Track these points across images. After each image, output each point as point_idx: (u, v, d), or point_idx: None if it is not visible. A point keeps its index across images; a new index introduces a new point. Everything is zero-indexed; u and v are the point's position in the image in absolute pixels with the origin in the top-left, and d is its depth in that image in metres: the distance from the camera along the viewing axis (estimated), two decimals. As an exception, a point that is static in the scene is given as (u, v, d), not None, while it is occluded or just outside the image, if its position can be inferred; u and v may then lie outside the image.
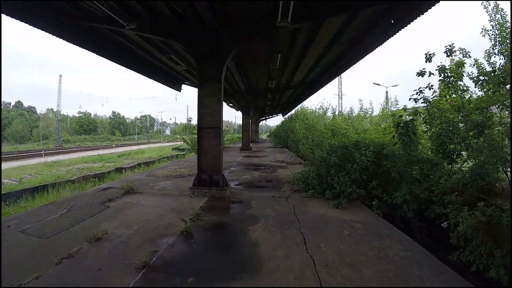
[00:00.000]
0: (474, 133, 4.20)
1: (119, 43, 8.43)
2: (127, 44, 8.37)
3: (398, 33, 7.16)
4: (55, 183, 11.02)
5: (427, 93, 4.80)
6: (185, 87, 14.86)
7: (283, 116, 38.34)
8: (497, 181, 4.02)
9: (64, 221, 4.35)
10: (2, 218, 4.42)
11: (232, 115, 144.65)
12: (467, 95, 4.83)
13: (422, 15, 6.26)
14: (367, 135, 6.26)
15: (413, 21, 6.55)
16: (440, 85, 5.05)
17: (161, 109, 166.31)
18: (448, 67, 4.68)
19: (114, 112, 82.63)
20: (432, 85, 4.94)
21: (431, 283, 2.60)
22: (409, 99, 4.56)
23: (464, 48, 4.85)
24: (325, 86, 16.17)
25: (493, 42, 5.75)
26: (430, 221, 4.39)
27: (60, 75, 46.67)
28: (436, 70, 4.73)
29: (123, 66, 9.36)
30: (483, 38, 5.00)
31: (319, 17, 5.84)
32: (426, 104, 4.92)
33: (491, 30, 5.98)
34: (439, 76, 4.74)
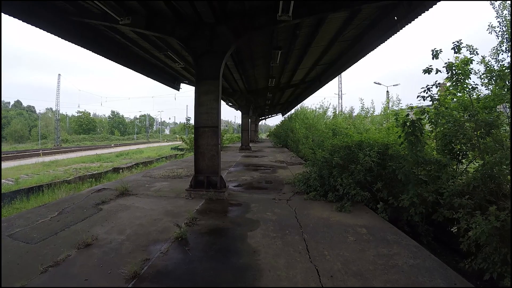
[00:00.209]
0: (480, 132, 4.04)
1: (115, 41, 8.26)
2: (123, 41, 8.21)
3: (400, 30, 7.04)
4: (51, 183, 10.81)
5: (432, 91, 4.64)
6: (185, 86, 14.71)
7: (282, 115, 38.20)
8: (509, 182, 3.83)
9: (54, 224, 4.21)
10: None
11: (231, 115, 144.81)
12: (475, 93, 4.66)
13: (425, 12, 6.17)
14: (370, 134, 6.04)
15: (417, 18, 6.44)
16: (443, 83, 4.87)
17: (160, 108, 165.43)
18: (455, 65, 4.51)
19: (113, 112, 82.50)
20: (440, 83, 4.77)
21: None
22: (417, 96, 4.37)
23: (471, 45, 4.68)
24: (325, 85, 16.05)
25: (500, 39, 5.58)
26: (435, 224, 4.22)
27: (59, 74, 46.06)
28: (444, 67, 4.56)
29: (120, 64, 9.22)
30: (486, 36, 4.80)
31: (321, 13, 5.65)
32: (433, 102, 4.74)
33: (498, 27, 5.80)
34: (446, 73, 4.57)
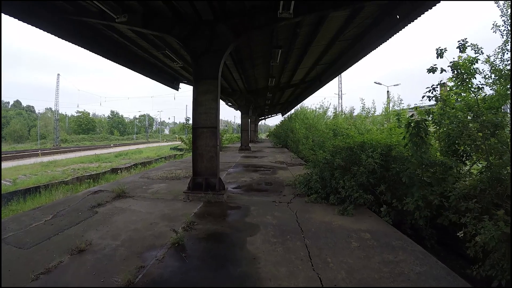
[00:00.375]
0: (484, 133, 3.92)
1: (113, 40, 8.15)
2: (121, 40, 8.08)
3: (402, 29, 6.93)
4: (48, 184, 10.67)
5: (437, 91, 4.52)
6: (184, 86, 14.58)
7: (282, 115, 38.04)
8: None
9: (47, 228, 4.08)
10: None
11: (231, 115, 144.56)
12: (478, 93, 4.54)
13: (428, 10, 6.06)
14: (373, 135, 5.90)
15: (419, 16, 6.35)
16: (443, 82, 4.74)
17: (160, 108, 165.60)
18: (460, 64, 4.39)
19: (112, 112, 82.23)
20: (444, 82, 4.64)
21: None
22: (422, 96, 4.23)
23: (476, 44, 4.56)
24: (326, 85, 15.91)
25: (505, 38, 5.46)
26: (438, 227, 4.10)
27: (58, 74, 45.86)
28: (449, 66, 4.44)
29: (119, 64, 9.12)
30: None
31: (322, 10, 5.51)
32: (438, 102, 4.62)
33: (502, 26, 5.67)
34: (452, 72, 4.45)
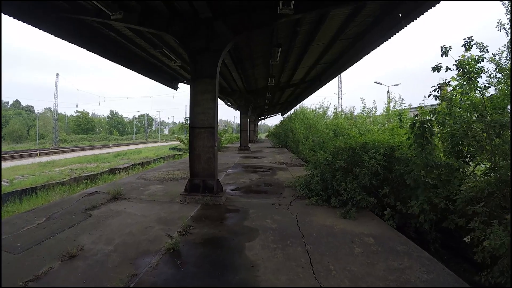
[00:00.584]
0: (490, 134, 3.80)
1: (112, 39, 8.02)
2: (119, 39, 7.95)
3: (404, 28, 6.82)
4: (44, 185, 10.51)
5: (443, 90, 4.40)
6: (183, 86, 14.43)
7: (282, 115, 37.90)
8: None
9: (40, 232, 3.96)
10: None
11: (230, 114, 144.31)
12: (485, 92, 4.42)
13: (431, 8, 5.91)
14: (375, 136, 5.75)
15: (422, 14, 6.25)
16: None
17: (159, 108, 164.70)
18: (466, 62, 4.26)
19: (112, 111, 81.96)
20: (449, 81, 4.52)
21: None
22: (428, 95, 4.09)
23: (481, 42, 4.45)
24: (325, 85, 15.82)
25: (510, 37, 5.33)
26: (443, 230, 3.96)
27: (57, 73, 45.65)
28: (454, 64, 4.32)
29: (118, 63, 9.00)
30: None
31: (323, 7, 5.37)
32: (442, 102, 4.49)
33: (507, 24, 5.54)
34: (457, 71, 4.32)
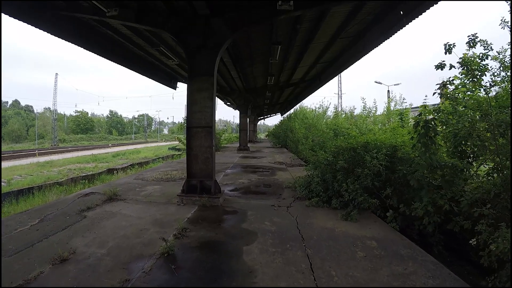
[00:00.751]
0: (494, 133, 3.70)
1: (109, 38, 7.90)
2: (116, 37, 7.84)
3: (406, 26, 6.70)
4: (41, 186, 10.38)
5: (449, 88, 4.28)
6: (182, 85, 14.28)
7: (281, 115, 37.80)
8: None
9: (32, 234, 3.85)
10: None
11: (230, 114, 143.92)
12: (491, 90, 4.30)
13: (434, 5, 5.79)
14: (377, 135, 5.62)
15: (424, 12, 6.13)
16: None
17: (159, 108, 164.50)
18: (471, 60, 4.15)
19: (111, 111, 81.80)
20: (453, 79, 4.40)
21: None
22: (433, 93, 3.96)
23: (485, 40, 4.33)
24: (325, 85, 15.70)
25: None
26: (446, 232, 3.84)
27: (56, 73, 45.78)
28: (458, 62, 4.20)
29: (117, 63, 8.89)
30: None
31: (324, 4, 5.24)
32: (445, 101, 4.37)
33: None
34: (462, 69, 4.20)
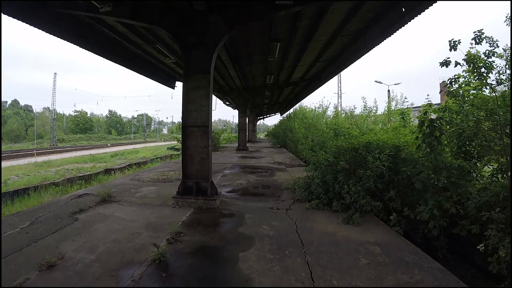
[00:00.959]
0: (501, 132, 3.61)
1: (106, 37, 7.75)
2: (112, 35, 7.67)
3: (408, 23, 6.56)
4: (37, 186, 10.21)
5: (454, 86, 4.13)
6: (181, 85, 14.12)
7: (281, 115, 37.69)
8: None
9: (22, 238, 3.71)
10: None
11: (229, 114, 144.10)
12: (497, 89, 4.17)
13: (436, 2, 5.65)
14: (379, 135, 5.46)
15: (427, 9, 6.00)
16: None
17: (158, 107, 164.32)
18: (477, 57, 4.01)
19: (110, 111, 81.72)
20: (458, 77, 4.25)
21: None
22: (440, 91, 3.83)
23: (491, 36, 4.19)
24: (325, 84, 15.60)
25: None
26: (450, 234, 3.69)
27: (55, 73, 45.58)
28: (463, 59, 4.06)
29: (114, 62, 8.74)
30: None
31: (324, -1, 5.09)
32: (451, 98, 4.22)
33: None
34: (468, 66, 4.06)
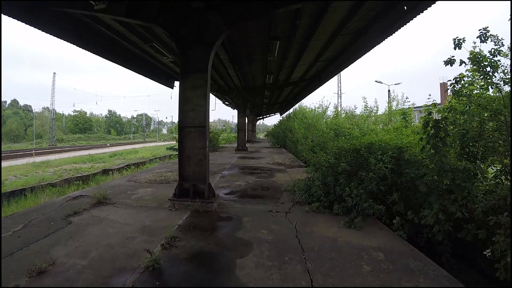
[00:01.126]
0: (507, 133, 3.56)
1: (107, 37, 7.65)
2: (110, 34, 7.55)
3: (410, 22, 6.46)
4: (34, 187, 10.10)
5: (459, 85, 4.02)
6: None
7: (281, 115, 37.59)
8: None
9: (13, 242, 3.62)
10: None
11: (229, 114, 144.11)
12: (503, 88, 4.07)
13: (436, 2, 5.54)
14: (380, 136, 5.34)
15: (430, 6, 5.91)
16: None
17: (158, 107, 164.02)
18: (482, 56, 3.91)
19: (110, 111, 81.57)
20: (462, 76, 4.13)
21: None
22: (445, 90, 3.69)
23: (496, 35, 4.09)
24: (325, 84, 15.53)
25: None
26: (453, 238, 3.56)
27: (54, 72, 45.54)
28: (468, 58, 3.95)
29: (113, 62, 8.66)
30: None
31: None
32: (455, 98, 4.12)
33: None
34: (472, 65, 3.96)
